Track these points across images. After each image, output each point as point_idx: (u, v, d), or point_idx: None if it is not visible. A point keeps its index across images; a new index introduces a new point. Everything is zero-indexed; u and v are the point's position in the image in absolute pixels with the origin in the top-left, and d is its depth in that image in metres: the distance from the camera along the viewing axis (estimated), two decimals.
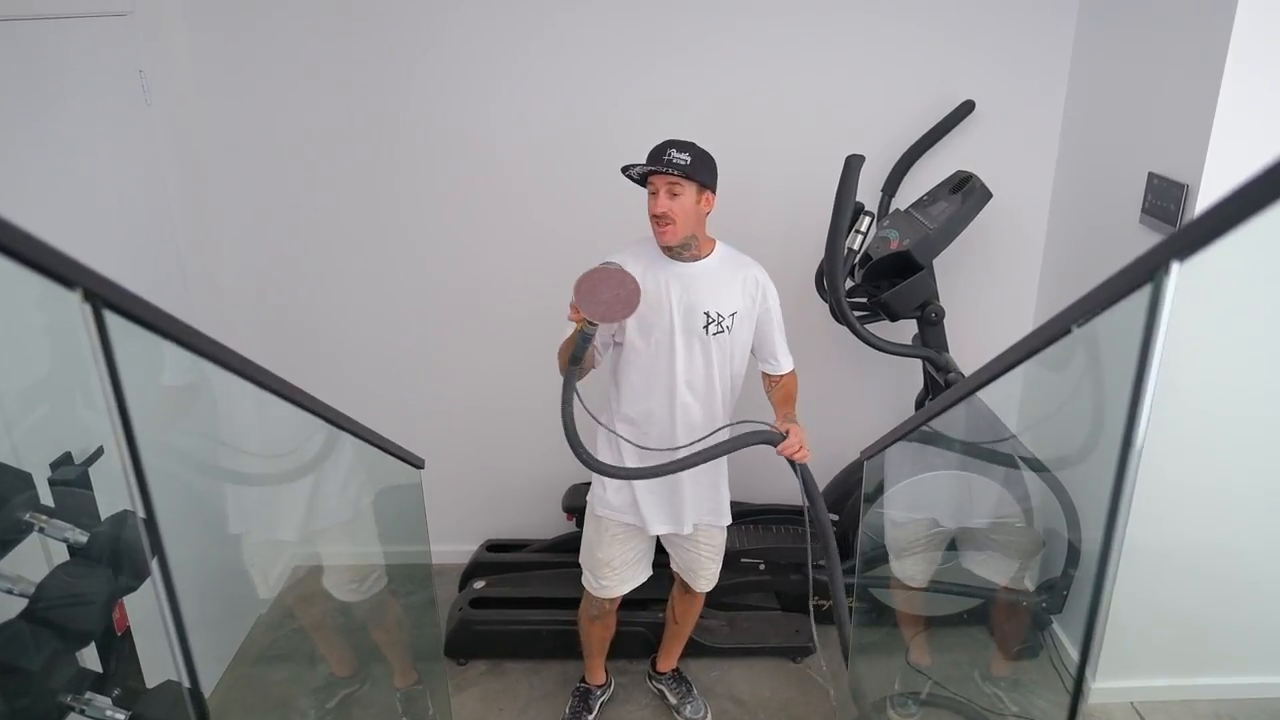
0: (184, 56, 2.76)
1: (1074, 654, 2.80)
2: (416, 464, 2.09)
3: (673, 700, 2.73)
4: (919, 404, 2.94)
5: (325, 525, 2.68)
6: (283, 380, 1.40)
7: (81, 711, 1.77)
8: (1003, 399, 2.58)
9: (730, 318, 2.16)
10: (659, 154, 2.03)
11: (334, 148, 2.91)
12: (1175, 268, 0.70)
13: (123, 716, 1.78)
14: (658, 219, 2.05)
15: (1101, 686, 2.69)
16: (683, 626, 2.68)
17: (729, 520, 2.43)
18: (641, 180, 2.09)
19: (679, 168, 1.99)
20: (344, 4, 2.75)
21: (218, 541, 2.91)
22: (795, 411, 2.28)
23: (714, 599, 2.93)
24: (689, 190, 2.03)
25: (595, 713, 2.70)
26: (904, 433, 1.84)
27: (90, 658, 1.78)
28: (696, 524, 2.37)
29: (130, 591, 1.70)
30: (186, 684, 1.19)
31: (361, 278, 3.09)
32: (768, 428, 2.12)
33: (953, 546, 2.81)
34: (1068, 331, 0.88)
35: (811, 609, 2.63)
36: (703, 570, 2.46)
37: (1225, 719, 2.61)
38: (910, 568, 2.66)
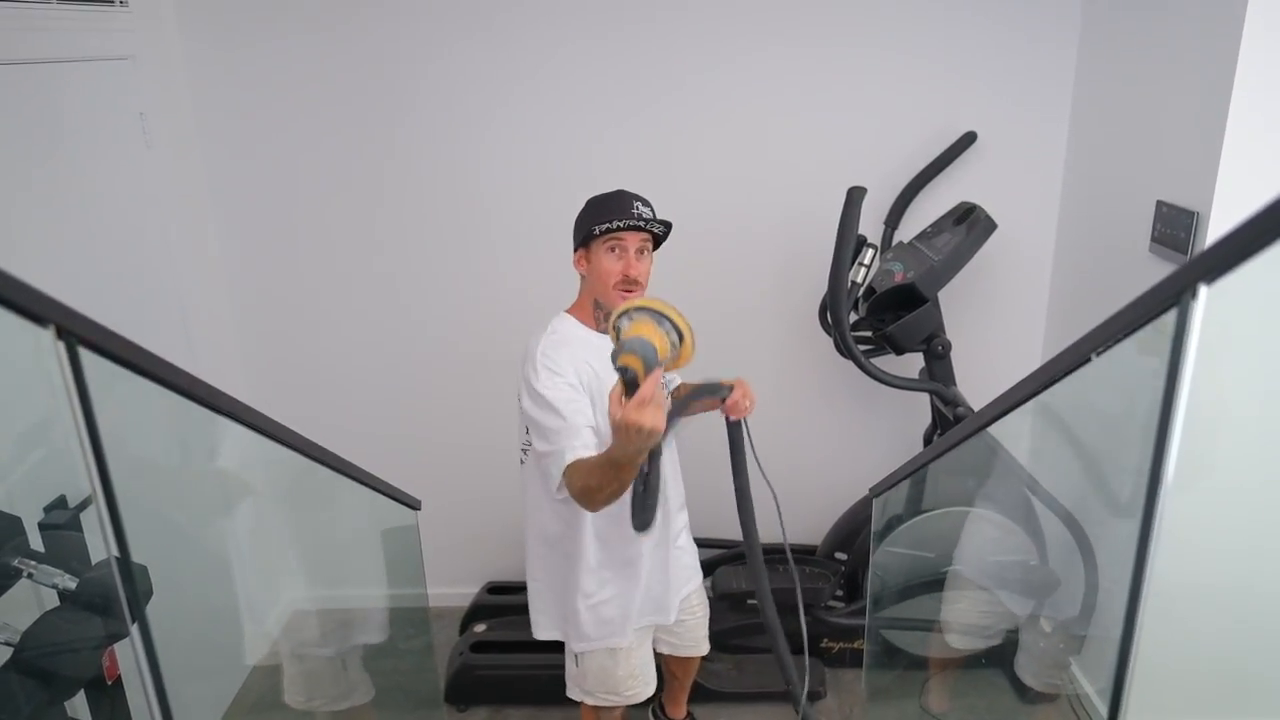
0: (185, 100, 2.77)
1: (1092, 693, 2.72)
2: (413, 505, 2.05)
3: None
4: (927, 439, 2.90)
5: (321, 569, 2.64)
6: (275, 422, 1.37)
7: None
8: (1015, 434, 2.54)
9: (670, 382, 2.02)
10: (625, 207, 1.78)
11: (334, 189, 2.92)
12: (1204, 291, 0.67)
13: None
14: (628, 282, 1.78)
15: None
16: (686, 679, 2.55)
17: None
18: (586, 238, 1.82)
19: (654, 222, 1.79)
20: (344, 49, 2.77)
21: (214, 587, 2.86)
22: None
23: (720, 642, 2.86)
24: (649, 251, 1.84)
25: None
26: (914, 469, 1.80)
27: (80, 708, 1.73)
28: (691, 591, 2.23)
29: (120, 639, 1.66)
30: None
31: (362, 319, 3.07)
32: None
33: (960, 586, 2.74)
34: (1087, 360, 0.84)
35: (794, 658, 2.52)
36: (701, 631, 2.31)
37: None
38: (958, 613, 2.58)
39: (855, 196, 2.26)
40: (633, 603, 2.02)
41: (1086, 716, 2.69)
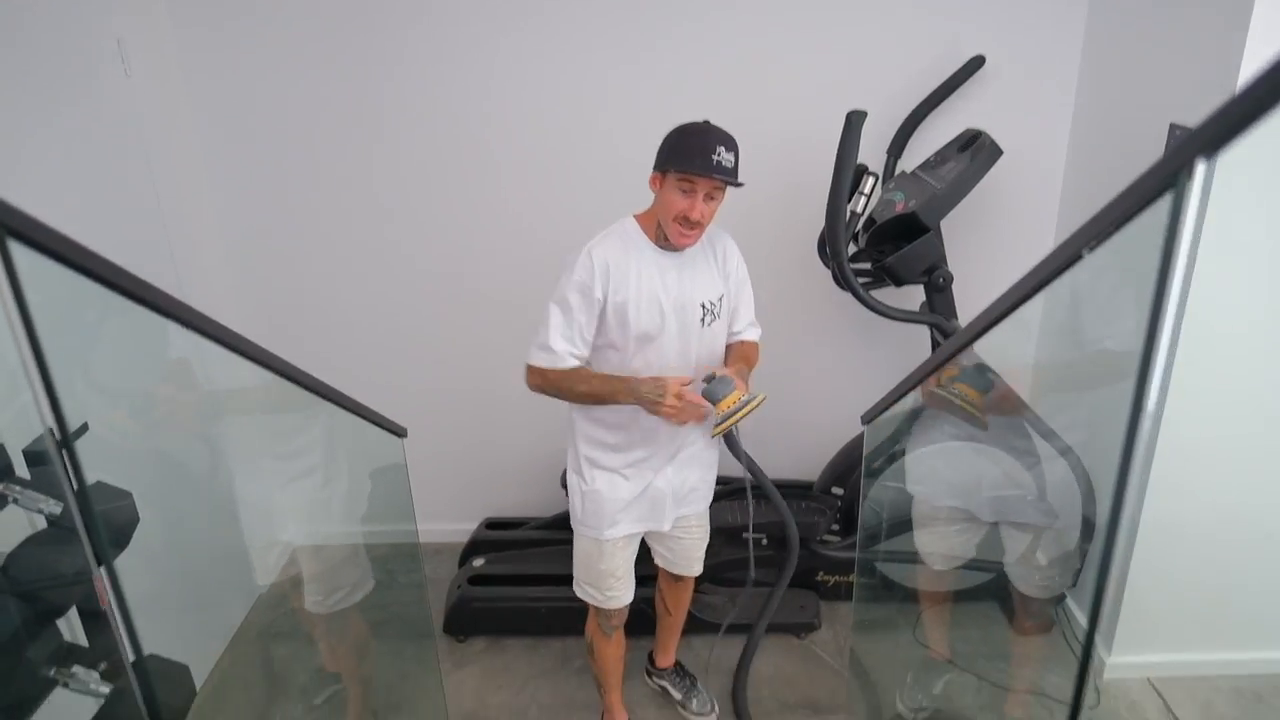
0: (165, 26, 2.69)
1: (1085, 625, 2.72)
2: (398, 433, 2.03)
3: (677, 695, 2.62)
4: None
5: (312, 506, 2.64)
6: (248, 341, 1.34)
7: (66, 684, 1.74)
8: (1017, 368, 2.50)
9: (719, 302, 2.00)
10: (707, 152, 1.76)
11: (322, 122, 2.85)
12: (1201, 168, 0.62)
13: (107, 689, 1.74)
14: (689, 223, 1.82)
15: (1118, 661, 2.61)
16: (676, 616, 2.55)
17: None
18: (663, 168, 1.83)
19: (730, 174, 1.79)
20: None
21: (219, 520, 2.87)
22: (748, 372, 2.06)
23: (717, 575, 2.87)
24: (721, 194, 1.84)
25: (657, 689, 2.58)
26: (904, 391, 1.77)
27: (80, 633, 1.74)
28: (690, 513, 2.25)
29: (108, 562, 1.66)
30: (130, 655, 1.13)
31: (352, 254, 3.03)
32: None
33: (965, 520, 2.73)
34: (1078, 258, 0.80)
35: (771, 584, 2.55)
36: (695, 553, 2.33)
37: (1247, 694, 2.53)
38: (930, 543, 2.58)
39: (854, 121, 2.19)
40: (619, 504, 2.08)
41: (1079, 647, 2.70)
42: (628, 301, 1.87)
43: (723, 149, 1.78)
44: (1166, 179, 0.64)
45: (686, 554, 2.31)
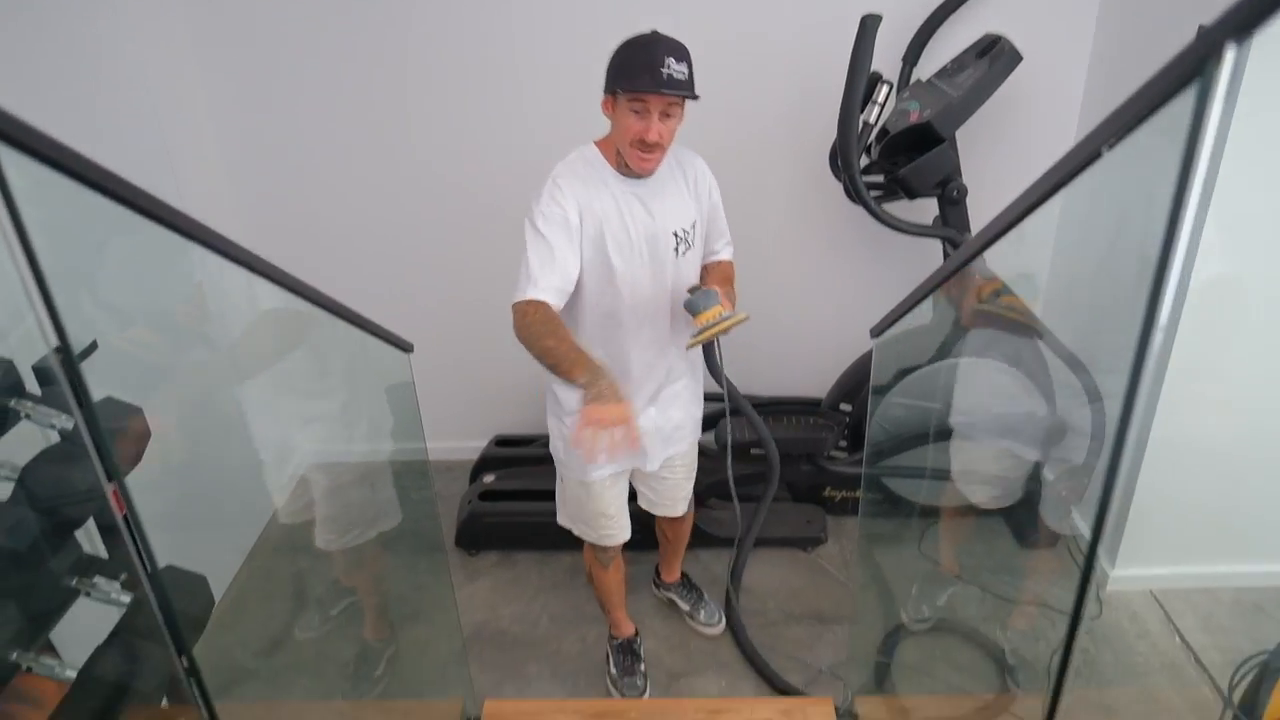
0: None
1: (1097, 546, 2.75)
2: (405, 347, 2.02)
3: (684, 607, 2.63)
4: None
5: (324, 424, 2.67)
6: (249, 253, 1.33)
7: (88, 594, 1.78)
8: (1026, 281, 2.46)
9: (692, 230, 1.88)
10: (655, 66, 1.61)
11: (324, 31, 2.76)
12: (1231, 54, 0.58)
13: (128, 598, 1.79)
14: (647, 146, 1.69)
15: (1121, 574, 2.65)
16: (676, 544, 2.53)
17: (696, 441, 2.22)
18: (612, 89, 1.70)
19: (683, 88, 1.64)
20: None
21: (232, 438, 2.91)
22: (731, 292, 1.98)
23: (725, 490, 2.90)
24: (679, 110, 1.70)
25: (644, 661, 2.51)
26: (913, 303, 1.74)
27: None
28: (676, 452, 2.16)
29: (121, 476, 1.68)
30: (146, 566, 1.14)
31: (355, 168, 2.98)
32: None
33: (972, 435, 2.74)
34: (1097, 156, 0.77)
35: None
36: (680, 493, 2.25)
37: (1247, 605, 2.56)
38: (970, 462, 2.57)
39: (869, 25, 2.11)
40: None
41: (1083, 560, 2.73)
42: (596, 235, 1.77)
43: (672, 60, 1.62)
44: (1193, 66, 0.60)
45: (671, 494, 2.24)
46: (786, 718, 2.16)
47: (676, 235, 1.84)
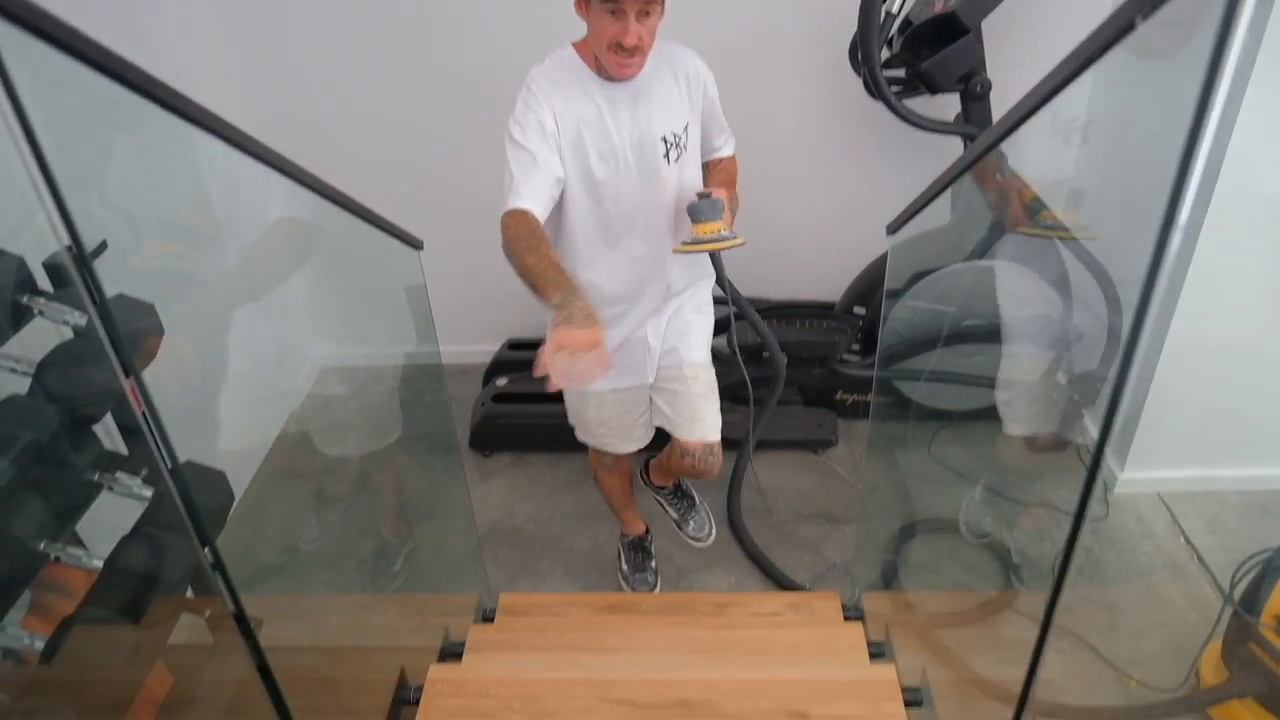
0: None
1: (1107, 449, 2.75)
2: (415, 244, 2.00)
3: (673, 515, 2.47)
4: None
5: (337, 324, 2.69)
6: (256, 141, 1.30)
7: (110, 489, 1.83)
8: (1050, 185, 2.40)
9: (685, 133, 1.76)
10: None
11: None
12: None
13: (149, 493, 1.83)
14: (624, 51, 1.56)
15: (1129, 477, 2.66)
16: (690, 477, 2.31)
17: (707, 354, 2.02)
18: None
19: None
20: None
21: (249, 338, 2.94)
22: (736, 197, 1.89)
23: (735, 393, 2.91)
24: (658, 7, 1.56)
25: (655, 558, 2.49)
26: (929, 198, 1.70)
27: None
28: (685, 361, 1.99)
29: (137, 372, 1.70)
30: (165, 461, 1.16)
31: (367, 64, 2.90)
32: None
33: (981, 338, 2.73)
34: (1130, 28, 0.73)
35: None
36: (700, 412, 1.97)
37: (1254, 508, 2.58)
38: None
39: None
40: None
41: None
42: (575, 143, 1.66)
43: None
44: None
45: (688, 409, 1.97)
46: (793, 611, 2.21)
47: (666, 141, 1.73)
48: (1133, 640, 2.22)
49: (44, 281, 1.68)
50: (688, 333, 1.99)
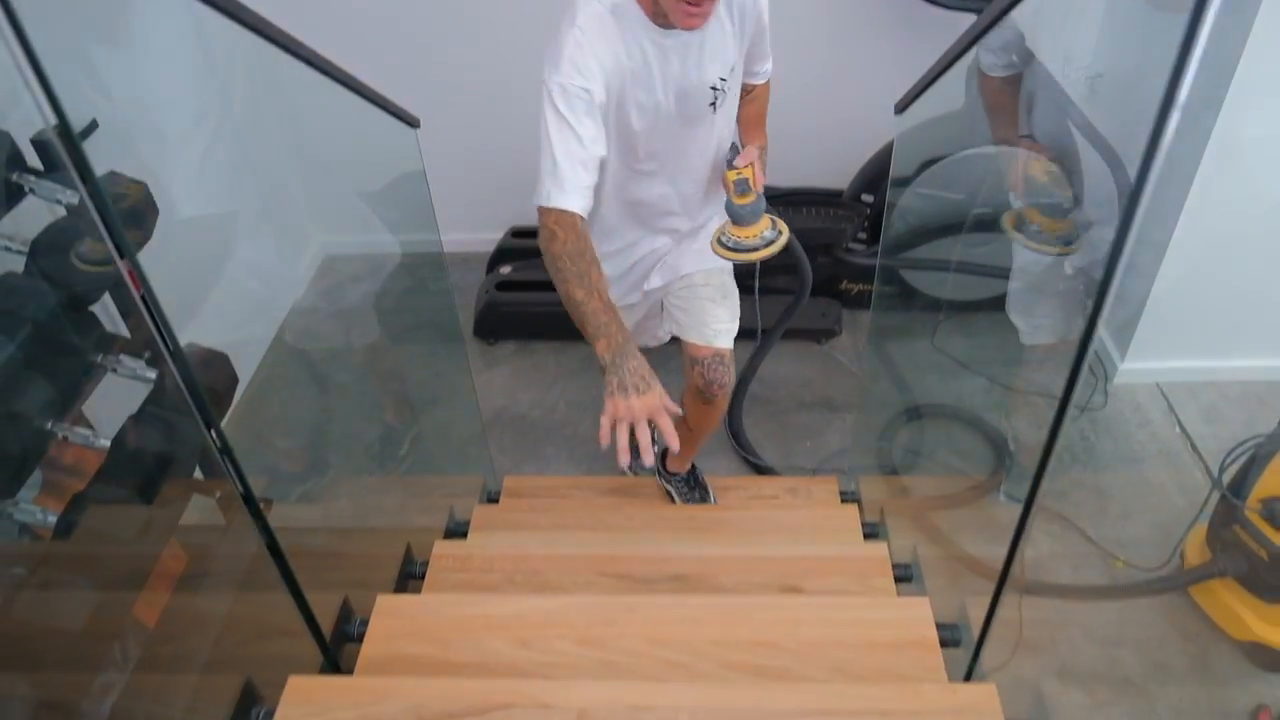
0: None
1: (1108, 338, 2.75)
2: (411, 122, 1.96)
3: (678, 502, 2.33)
4: None
5: (337, 213, 2.65)
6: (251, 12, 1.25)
7: (114, 370, 1.85)
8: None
9: (731, 74, 1.59)
10: None
11: None
12: None
13: (154, 374, 1.85)
14: (694, 5, 1.34)
15: (1130, 367, 2.67)
16: (698, 434, 2.15)
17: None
18: None
19: None
20: None
21: (249, 225, 2.91)
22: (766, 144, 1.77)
23: (740, 283, 2.89)
24: None
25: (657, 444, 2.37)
26: (938, 72, 1.64)
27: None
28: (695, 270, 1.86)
29: (132, 253, 1.69)
30: (166, 342, 1.16)
31: None
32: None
33: (989, 227, 2.69)
34: None
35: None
36: (712, 318, 1.87)
37: (1251, 399, 2.59)
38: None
39: None
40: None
41: (1096, 357, 2.76)
42: (618, 96, 1.48)
43: None
44: None
45: (699, 313, 1.87)
46: (791, 495, 2.26)
47: (714, 89, 1.57)
48: (1121, 524, 2.27)
49: (35, 162, 1.66)
50: (703, 250, 1.82)
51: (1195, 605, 2.03)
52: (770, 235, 1.57)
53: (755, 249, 1.56)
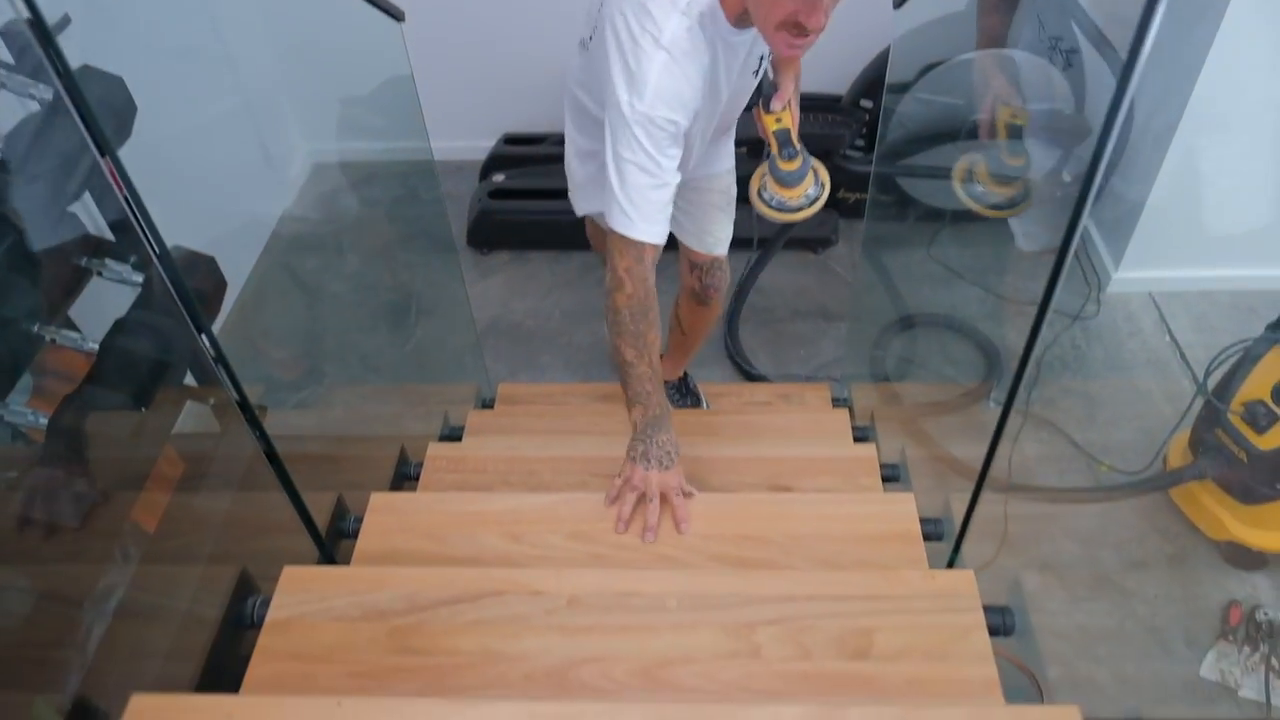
0: None
1: (1102, 247, 2.74)
2: (395, 15, 1.90)
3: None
4: None
5: (326, 120, 2.60)
6: None
7: (100, 274, 1.83)
8: None
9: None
10: None
11: None
12: None
13: (140, 278, 1.84)
14: (802, 32, 1.18)
15: (1124, 276, 2.66)
16: (693, 338, 2.12)
17: (732, 161, 1.82)
18: None
19: None
20: None
21: (235, 129, 2.85)
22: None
23: (740, 189, 2.86)
24: None
25: None
26: None
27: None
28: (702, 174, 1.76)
29: (112, 150, 1.66)
30: (152, 245, 1.15)
31: None
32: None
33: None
34: None
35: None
36: (713, 225, 1.82)
37: (1242, 308, 2.59)
38: None
39: None
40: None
41: (1090, 267, 2.75)
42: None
43: None
44: None
45: (701, 220, 1.82)
46: (785, 400, 2.28)
47: (762, 57, 1.45)
48: (1108, 430, 2.30)
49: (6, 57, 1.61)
50: (716, 144, 1.74)
51: (1175, 507, 2.07)
52: (814, 193, 1.50)
53: (800, 209, 1.49)
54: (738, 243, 2.04)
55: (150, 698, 0.94)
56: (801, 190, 1.49)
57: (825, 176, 1.50)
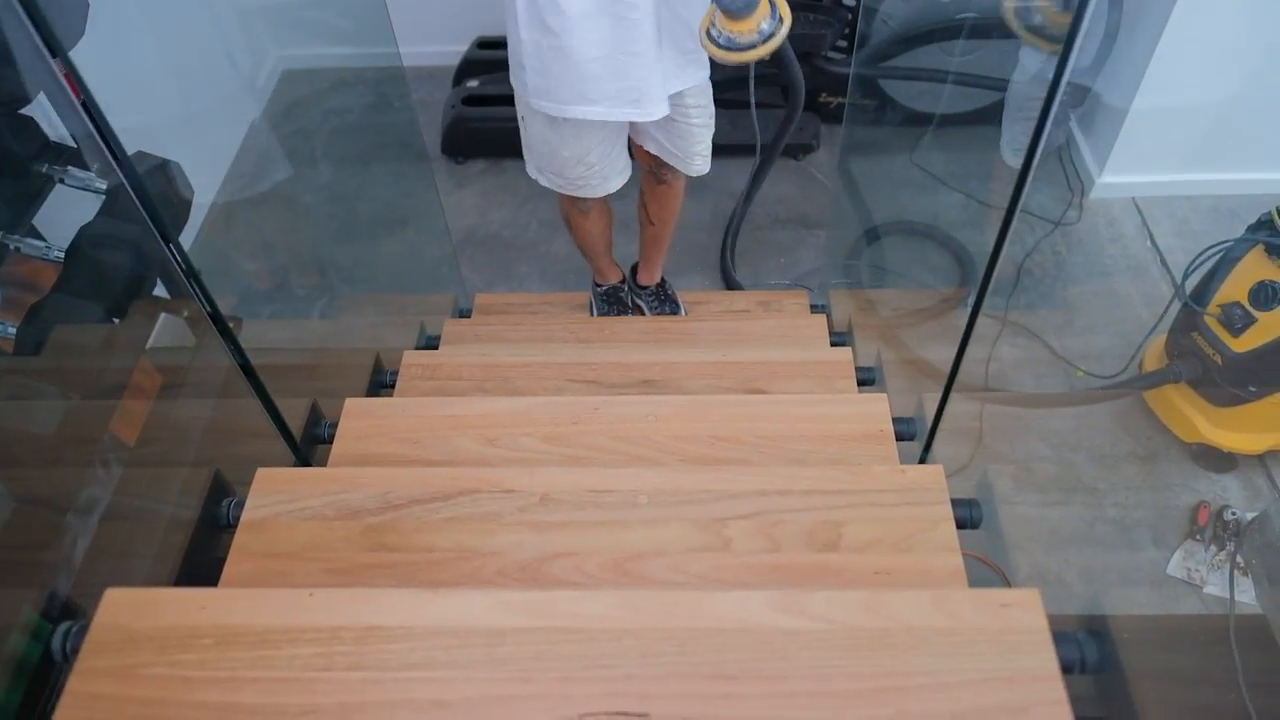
0: None
1: (1086, 153, 2.71)
2: None
3: (647, 314, 2.27)
4: None
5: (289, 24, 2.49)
6: None
7: (63, 181, 1.78)
8: None
9: None
10: None
11: None
12: None
13: (105, 185, 1.79)
14: None
15: (1107, 181, 2.63)
16: (662, 227, 2.04)
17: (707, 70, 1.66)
18: None
19: None
20: None
21: (200, 33, 2.75)
22: None
23: (716, 97, 2.79)
24: None
25: (630, 309, 2.27)
26: None
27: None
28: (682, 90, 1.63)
29: (65, 51, 1.59)
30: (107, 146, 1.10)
31: None
32: None
33: (975, 35, 2.58)
34: None
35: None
36: (697, 146, 1.74)
37: (1224, 212, 2.58)
38: None
39: None
40: (583, 66, 1.49)
41: (1074, 171, 2.72)
42: None
43: None
44: None
45: (684, 143, 1.73)
46: (763, 308, 2.28)
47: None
48: (1086, 336, 2.31)
49: None
50: (695, 50, 1.55)
51: (1149, 411, 2.10)
52: (769, 27, 1.30)
53: (752, 46, 1.30)
54: (734, 149, 1.97)
55: (124, 591, 0.95)
56: (754, 23, 1.29)
57: (785, 9, 1.31)
